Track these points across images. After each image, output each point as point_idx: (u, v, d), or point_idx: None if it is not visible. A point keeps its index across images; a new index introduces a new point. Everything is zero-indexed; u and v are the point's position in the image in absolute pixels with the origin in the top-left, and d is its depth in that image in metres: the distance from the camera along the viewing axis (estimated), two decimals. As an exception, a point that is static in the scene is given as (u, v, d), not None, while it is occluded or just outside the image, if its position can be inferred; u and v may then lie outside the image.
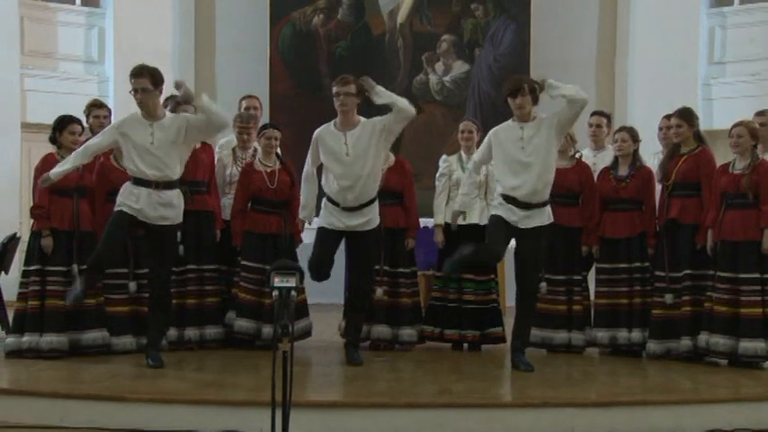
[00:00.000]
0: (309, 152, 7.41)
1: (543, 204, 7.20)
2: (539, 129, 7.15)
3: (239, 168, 8.23)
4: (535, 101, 7.27)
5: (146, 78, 7.04)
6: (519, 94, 7.16)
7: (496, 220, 7.24)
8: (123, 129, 7.07)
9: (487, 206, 7.96)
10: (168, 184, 7.07)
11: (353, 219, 7.28)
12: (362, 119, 7.34)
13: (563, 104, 7.19)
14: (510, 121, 7.35)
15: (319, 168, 7.44)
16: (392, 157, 8.27)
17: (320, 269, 7.28)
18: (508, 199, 7.17)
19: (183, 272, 7.97)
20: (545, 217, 7.22)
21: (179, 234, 7.65)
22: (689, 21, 13.26)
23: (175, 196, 7.14)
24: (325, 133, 7.32)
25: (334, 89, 7.23)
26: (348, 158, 7.20)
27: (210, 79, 13.56)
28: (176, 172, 7.11)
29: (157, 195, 7.01)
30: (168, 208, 7.08)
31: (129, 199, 6.99)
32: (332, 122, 7.35)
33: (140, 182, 7.00)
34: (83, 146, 7.24)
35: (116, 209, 7.05)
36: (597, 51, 13.85)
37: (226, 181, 8.29)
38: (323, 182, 7.40)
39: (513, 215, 7.15)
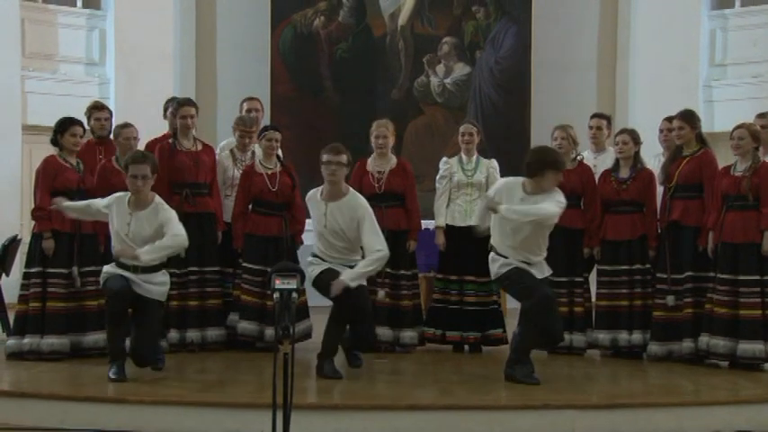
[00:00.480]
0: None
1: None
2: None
3: (239, 170, 8.23)
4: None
5: (146, 165, 6.81)
6: (539, 174, 6.77)
7: (517, 269, 6.82)
8: (112, 208, 6.89)
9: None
10: (145, 269, 6.84)
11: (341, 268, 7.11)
12: (351, 192, 7.15)
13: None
14: (521, 182, 6.94)
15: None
16: (394, 160, 8.29)
17: None
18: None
19: (185, 274, 7.98)
20: (546, 269, 7.04)
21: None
22: (690, 23, 13.24)
23: (158, 275, 6.93)
24: (312, 200, 7.19)
25: (325, 157, 6.98)
26: (325, 230, 7.04)
27: (211, 81, 13.54)
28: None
29: (137, 278, 6.81)
30: (151, 285, 6.89)
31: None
32: (319, 189, 7.15)
33: (121, 265, 6.83)
34: (87, 203, 7.16)
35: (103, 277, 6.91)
36: (598, 53, 13.83)
37: (226, 183, 8.29)
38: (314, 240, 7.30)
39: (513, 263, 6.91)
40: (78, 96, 11.63)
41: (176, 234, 6.78)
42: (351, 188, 7.23)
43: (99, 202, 7.05)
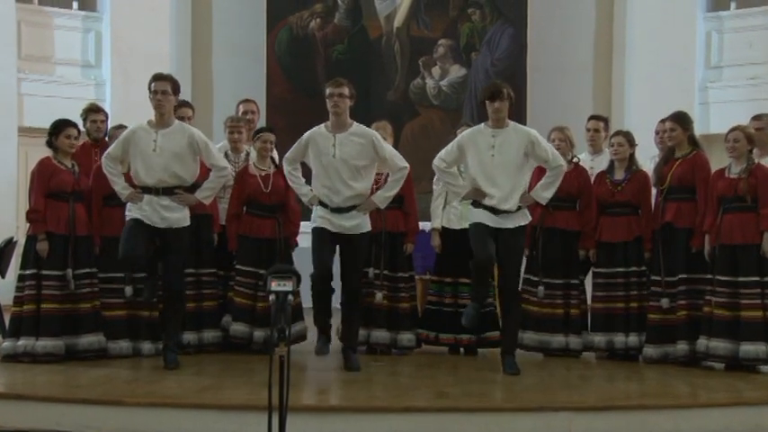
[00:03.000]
0: (294, 148, 7.50)
1: (516, 210, 7.21)
2: (511, 137, 7.18)
3: (233, 173, 8.24)
4: (511, 107, 7.27)
5: (167, 83, 7.22)
6: (498, 98, 7.15)
7: (477, 226, 7.25)
8: (130, 141, 7.25)
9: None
10: (167, 190, 7.20)
11: (344, 220, 7.29)
12: (355, 123, 7.38)
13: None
14: (483, 126, 7.34)
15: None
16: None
17: (323, 282, 7.30)
18: (482, 206, 7.22)
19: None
20: (522, 218, 7.26)
21: None
22: (686, 25, 13.25)
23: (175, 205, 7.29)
24: (317, 135, 7.38)
25: (328, 90, 7.30)
26: (334, 160, 7.23)
27: (207, 83, 13.55)
28: (181, 179, 7.29)
29: (158, 201, 7.16)
30: (171, 211, 7.22)
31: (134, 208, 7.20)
32: (323, 125, 7.42)
33: (144, 189, 7.20)
34: (103, 158, 7.41)
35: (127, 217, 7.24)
36: (594, 55, 13.84)
37: (219, 185, 8.28)
38: (312, 184, 7.43)
39: (490, 220, 7.19)
40: (74, 98, 11.61)
41: (223, 167, 7.48)
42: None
43: (113, 154, 7.33)
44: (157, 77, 7.25)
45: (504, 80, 9.17)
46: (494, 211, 7.17)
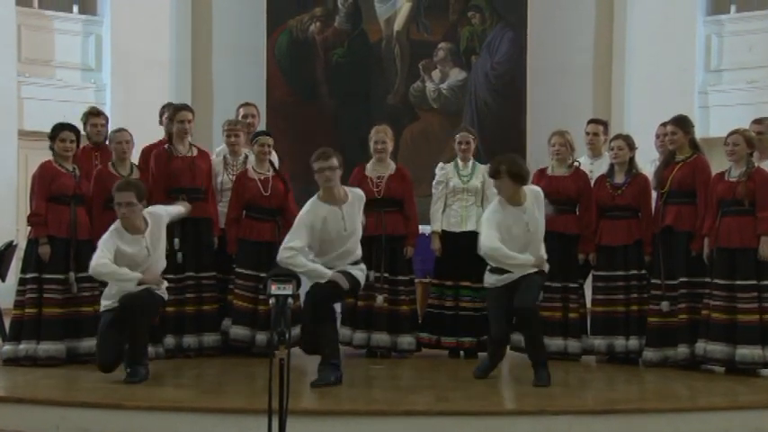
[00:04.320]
0: (304, 234, 6.79)
1: None
2: (530, 210, 7.08)
3: (231, 176, 8.25)
4: (523, 184, 7.08)
5: (132, 192, 6.89)
6: (494, 176, 7.06)
7: (491, 293, 7.24)
8: (117, 242, 6.89)
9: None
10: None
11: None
12: (344, 188, 7.05)
13: None
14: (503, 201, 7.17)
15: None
16: (393, 165, 8.31)
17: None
18: (496, 270, 7.15)
19: (182, 279, 7.98)
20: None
21: (177, 241, 7.80)
22: (686, 28, 13.25)
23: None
24: (322, 212, 6.86)
25: (317, 165, 6.82)
26: (345, 234, 6.91)
27: (207, 87, 13.54)
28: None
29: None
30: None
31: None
32: (318, 200, 6.92)
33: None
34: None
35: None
36: (594, 59, 13.85)
37: (217, 189, 8.29)
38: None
39: (504, 279, 7.10)
40: (75, 102, 11.65)
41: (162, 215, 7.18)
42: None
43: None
44: (118, 187, 6.92)
45: (504, 83, 9.23)
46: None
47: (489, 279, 7.21)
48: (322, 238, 6.85)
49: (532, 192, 7.15)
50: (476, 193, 8.19)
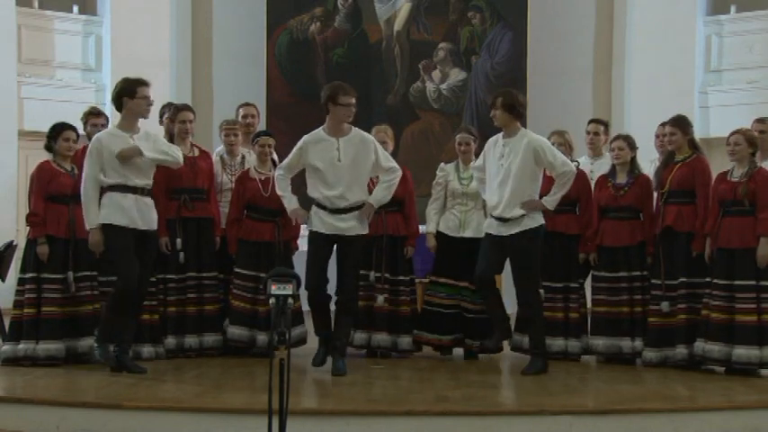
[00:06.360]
0: (293, 156, 7.42)
1: (519, 218, 7.36)
2: (518, 146, 7.35)
3: (229, 176, 8.25)
4: (517, 117, 7.46)
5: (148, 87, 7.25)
6: (491, 107, 7.43)
7: (485, 239, 7.59)
8: (101, 144, 7.12)
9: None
10: (149, 192, 7.25)
11: (342, 222, 7.29)
12: (353, 128, 7.40)
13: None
14: (501, 134, 7.60)
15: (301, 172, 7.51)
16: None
17: (316, 295, 7.29)
18: (492, 216, 7.50)
19: (183, 279, 7.98)
20: (531, 221, 7.40)
21: (179, 242, 7.85)
22: (685, 29, 13.25)
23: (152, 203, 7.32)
24: (317, 139, 7.36)
25: (344, 99, 7.25)
26: (339, 164, 7.23)
27: (208, 87, 13.55)
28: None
29: (143, 201, 7.15)
30: (152, 212, 7.26)
31: (116, 210, 7.08)
32: (320, 130, 7.41)
33: (125, 188, 7.10)
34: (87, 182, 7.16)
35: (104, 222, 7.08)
36: (594, 59, 13.84)
37: (216, 189, 8.28)
38: (308, 189, 7.40)
39: (496, 229, 7.45)
40: (75, 102, 11.65)
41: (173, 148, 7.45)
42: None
43: (90, 174, 7.10)
44: (148, 83, 7.28)
45: (504, 84, 9.23)
46: (500, 219, 7.28)
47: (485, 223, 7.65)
48: (315, 165, 7.27)
49: (535, 140, 7.43)
50: (475, 198, 8.14)
